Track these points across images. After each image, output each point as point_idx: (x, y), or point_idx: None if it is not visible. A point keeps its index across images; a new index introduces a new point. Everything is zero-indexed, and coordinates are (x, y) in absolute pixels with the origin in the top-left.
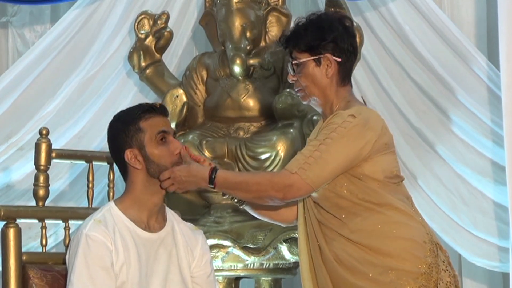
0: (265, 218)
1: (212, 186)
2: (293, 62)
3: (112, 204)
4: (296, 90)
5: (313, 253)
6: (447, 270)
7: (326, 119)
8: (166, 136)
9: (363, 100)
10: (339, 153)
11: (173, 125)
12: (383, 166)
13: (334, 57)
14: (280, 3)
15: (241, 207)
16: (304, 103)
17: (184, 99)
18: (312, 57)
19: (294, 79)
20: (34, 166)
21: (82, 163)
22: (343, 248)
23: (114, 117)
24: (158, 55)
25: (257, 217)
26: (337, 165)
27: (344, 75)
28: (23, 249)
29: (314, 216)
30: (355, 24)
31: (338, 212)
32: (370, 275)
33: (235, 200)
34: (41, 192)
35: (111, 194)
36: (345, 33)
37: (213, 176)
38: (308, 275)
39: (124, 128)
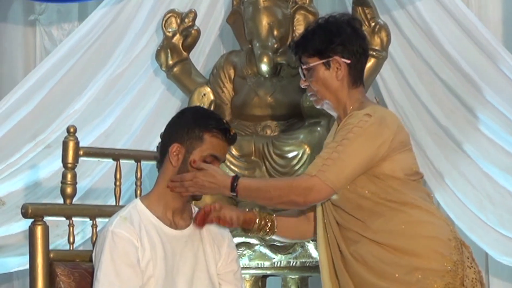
0: (295, 240)
1: (235, 193)
2: (303, 67)
3: (138, 201)
4: (309, 95)
5: (335, 258)
6: (472, 266)
7: (340, 122)
8: (213, 161)
9: (377, 101)
10: (357, 153)
11: None
12: (402, 164)
13: (343, 59)
14: (307, 2)
15: (268, 237)
16: (318, 107)
17: (211, 97)
18: (321, 61)
19: (306, 84)
20: (61, 164)
21: (109, 161)
22: (368, 250)
23: (193, 108)
24: (185, 53)
25: (289, 241)
26: (356, 165)
27: (356, 77)
28: (51, 247)
29: (334, 220)
30: (382, 22)
31: (360, 214)
32: (396, 275)
33: (261, 234)
34: (69, 190)
35: (138, 192)
36: (353, 35)
37: (235, 184)
38: (329, 282)
39: (190, 125)
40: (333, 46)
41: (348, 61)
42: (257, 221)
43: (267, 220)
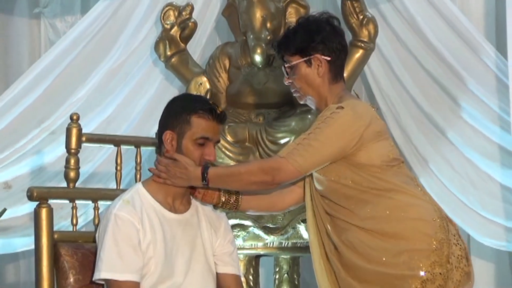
0: (262, 212)
1: (206, 183)
2: (286, 66)
3: (139, 185)
4: (292, 91)
5: (325, 244)
6: (458, 243)
7: None
8: (206, 142)
9: (356, 94)
10: (327, 141)
11: None
12: (378, 152)
13: (323, 57)
14: None
15: (237, 211)
16: (301, 102)
17: (208, 86)
18: (303, 59)
19: (289, 81)
20: (65, 150)
21: (110, 146)
22: (357, 237)
23: (181, 95)
24: (183, 45)
25: (255, 214)
26: (325, 152)
27: (336, 73)
28: (55, 228)
29: (323, 209)
30: (369, 15)
31: (347, 203)
32: (384, 259)
33: (228, 208)
34: (72, 174)
35: (138, 176)
36: (333, 33)
37: (205, 174)
38: (320, 265)
39: (178, 110)
40: (313, 44)
41: (329, 58)
42: (220, 195)
43: (231, 195)
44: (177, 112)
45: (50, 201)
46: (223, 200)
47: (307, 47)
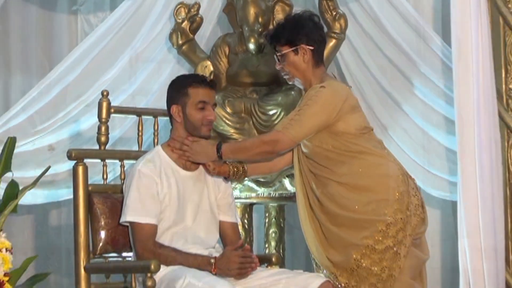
0: (264, 174)
1: (220, 155)
2: (278, 54)
3: (159, 147)
4: (282, 74)
5: (309, 195)
6: (415, 195)
7: None
8: (205, 105)
9: (334, 76)
10: (313, 115)
11: None
12: (353, 122)
13: (308, 46)
14: None
15: (245, 178)
16: (290, 83)
17: (211, 68)
18: (291, 49)
19: (280, 66)
20: (97, 119)
21: (133, 117)
22: (335, 190)
23: (177, 76)
24: (191, 35)
25: (261, 175)
26: (313, 124)
27: (318, 59)
28: (89, 182)
29: (308, 169)
30: (341, 12)
31: (327, 163)
32: (356, 207)
33: (237, 178)
34: (103, 138)
35: (155, 140)
36: (314, 27)
37: (219, 149)
38: (304, 212)
39: (177, 87)
40: (299, 36)
41: (312, 48)
42: (230, 168)
43: (238, 166)
44: (176, 90)
45: (86, 160)
46: (234, 171)
47: (294, 39)
